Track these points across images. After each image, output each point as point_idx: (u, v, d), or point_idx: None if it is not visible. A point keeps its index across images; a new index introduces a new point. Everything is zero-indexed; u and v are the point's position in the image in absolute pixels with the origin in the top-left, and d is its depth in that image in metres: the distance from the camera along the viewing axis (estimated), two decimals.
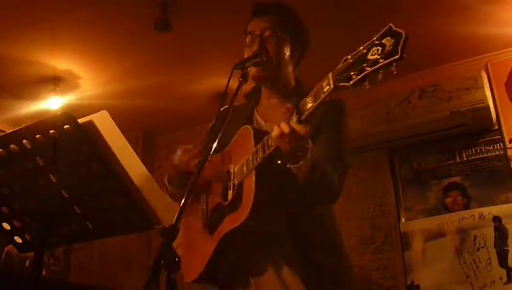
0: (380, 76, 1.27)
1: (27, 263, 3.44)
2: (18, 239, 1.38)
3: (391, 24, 1.27)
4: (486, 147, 3.82)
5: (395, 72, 1.22)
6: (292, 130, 1.42)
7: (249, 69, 1.70)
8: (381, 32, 1.29)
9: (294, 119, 1.44)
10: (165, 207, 1.27)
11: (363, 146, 3.95)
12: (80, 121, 1.19)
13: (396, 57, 1.22)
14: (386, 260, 3.85)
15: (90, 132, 1.19)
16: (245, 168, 1.60)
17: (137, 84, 4.20)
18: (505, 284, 3.44)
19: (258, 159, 1.54)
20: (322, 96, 1.39)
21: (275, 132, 1.45)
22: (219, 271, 1.71)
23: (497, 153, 3.77)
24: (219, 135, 1.50)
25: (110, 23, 3.52)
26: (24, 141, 1.22)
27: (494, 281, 3.48)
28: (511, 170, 3.67)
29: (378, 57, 1.26)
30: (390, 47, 1.25)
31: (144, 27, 3.42)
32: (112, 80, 4.15)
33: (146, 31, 3.44)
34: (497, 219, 3.59)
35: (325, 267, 1.63)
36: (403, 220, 3.94)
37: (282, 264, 1.60)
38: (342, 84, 1.33)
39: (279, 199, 1.58)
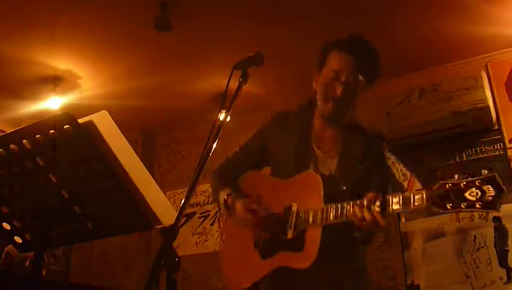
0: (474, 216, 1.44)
1: (27, 263, 3.44)
2: (18, 239, 1.38)
3: (496, 175, 1.38)
4: (486, 147, 3.82)
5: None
6: (374, 219, 1.57)
7: (319, 104, 1.89)
8: (484, 176, 1.40)
9: (377, 209, 1.57)
10: (165, 207, 1.27)
11: None
12: (80, 121, 1.19)
13: (493, 212, 1.38)
14: (386, 260, 3.86)
15: (90, 132, 1.19)
16: (311, 219, 1.75)
17: (137, 84, 4.20)
18: (505, 284, 3.44)
19: (328, 220, 1.69)
20: (411, 207, 1.53)
21: (358, 214, 1.60)
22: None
23: (497, 153, 3.77)
24: (218, 137, 1.50)
25: (110, 23, 3.52)
26: (24, 141, 1.22)
27: (494, 281, 3.48)
28: (511, 170, 3.67)
29: (476, 202, 1.38)
30: (490, 198, 1.37)
31: (144, 27, 3.42)
32: (112, 80, 4.15)
33: (146, 31, 3.44)
34: (497, 219, 3.58)
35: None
36: (403, 220, 3.93)
37: None
38: (435, 208, 1.47)
39: (336, 253, 1.76)
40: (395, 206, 1.56)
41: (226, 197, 1.98)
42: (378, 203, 1.58)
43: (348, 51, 1.91)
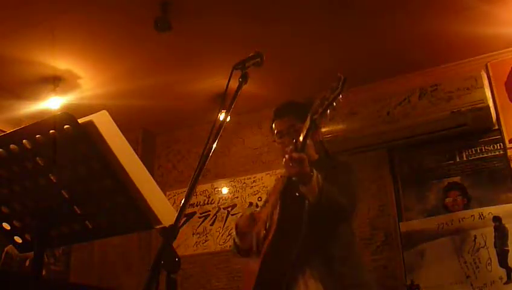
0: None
1: (27, 263, 3.44)
2: (18, 239, 1.38)
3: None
4: (486, 147, 3.82)
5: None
6: (292, 156, 1.91)
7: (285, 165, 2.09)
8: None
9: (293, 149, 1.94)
10: (165, 207, 1.27)
11: (363, 146, 3.95)
12: (80, 121, 1.19)
13: (338, 90, 1.86)
14: (386, 260, 3.86)
15: (90, 132, 1.19)
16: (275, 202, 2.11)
17: (137, 84, 4.20)
18: (504, 284, 3.44)
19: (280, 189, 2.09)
20: (305, 131, 1.96)
21: (284, 160, 1.94)
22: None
23: (497, 153, 3.77)
24: (218, 137, 1.51)
25: (110, 23, 3.52)
26: (24, 141, 1.22)
27: (494, 281, 3.48)
28: (511, 170, 3.67)
29: (331, 95, 1.88)
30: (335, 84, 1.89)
31: (144, 27, 3.42)
32: (112, 80, 4.15)
33: (146, 31, 3.44)
34: (497, 219, 3.59)
35: (346, 277, 2.00)
36: (403, 220, 3.93)
37: (309, 277, 1.99)
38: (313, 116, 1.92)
39: (298, 222, 2.00)
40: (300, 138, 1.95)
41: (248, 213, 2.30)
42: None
43: (281, 117, 2.32)
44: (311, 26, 3.57)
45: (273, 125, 2.36)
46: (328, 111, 1.88)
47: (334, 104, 1.87)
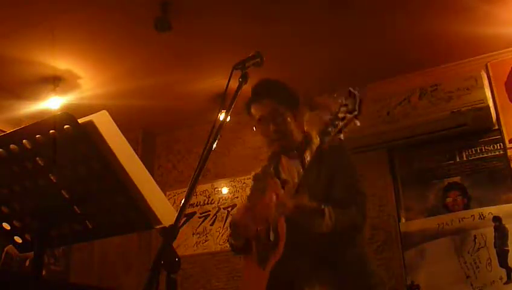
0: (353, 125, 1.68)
1: (27, 263, 3.44)
2: (18, 239, 1.38)
3: (350, 89, 1.67)
4: (486, 147, 3.82)
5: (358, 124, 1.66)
6: (280, 201, 1.89)
7: (268, 141, 2.16)
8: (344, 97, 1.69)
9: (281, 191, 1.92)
10: (165, 207, 1.27)
11: (363, 146, 3.95)
12: (80, 121, 1.19)
13: (356, 113, 1.67)
14: (386, 260, 3.85)
15: (90, 132, 1.19)
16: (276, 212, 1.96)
17: (137, 84, 4.20)
18: (504, 284, 3.44)
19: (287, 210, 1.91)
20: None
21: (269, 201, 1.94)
22: None
23: (497, 153, 3.77)
24: (218, 137, 1.51)
25: (110, 24, 3.52)
26: (24, 141, 1.22)
27: (494, 281, 3.48)
28: (511, 170, 3.67)
29: (345, 114, 1.70)
30: (351, 106, 1.68)
31: (144, 27, 3.42)
32: (112, 80, 4.15)
33: (146, 31, 3.44)
34: (497, 219, 3.59)
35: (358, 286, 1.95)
36: (403, 220, 3.94)
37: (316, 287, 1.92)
38: (325, 138, 1.76)
39: (307, 238, 1.91)
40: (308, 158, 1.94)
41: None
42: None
43: (257, 98, 2.17)
44: (311, 26, 3.57)
45: (252, 109, 2.19)
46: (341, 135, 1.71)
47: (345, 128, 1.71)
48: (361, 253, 2.06)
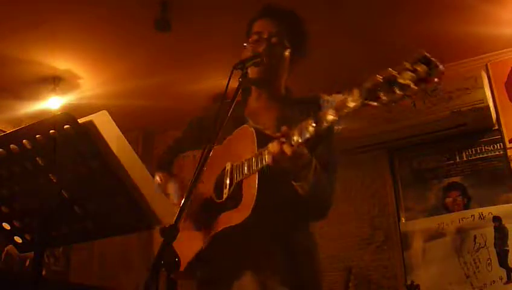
0: (409, 100, 1.27)
1: (27, 263, 3.44)
2: (18, 239, 1.38)
3: (425, 52, 1.29)
4: (486, 147, 3.82)
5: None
6: (284, 151, 1.49)
7: (249, 69, 1.72)
8: (414, 57, 1.31)
9: (296, 139, 1.49)
10: (165, 207, 1.27)
11: (363, 146, 3.95)
12: (80, 121, 1.19)
13: (429, 86, 1.26)
14: (386, 260, 3.85)
15: (90, 132, 1.19)
16: (246, 168, 1.63)
17: (137, 84, 4.20)
18: (505, 284, 3.44)
19: (260, 164, 1.58)
20: (346, 110, 1.41)
21: (275, 149, 1.51)
22: (201, 267, 1.74)
23: (497, 153, 3.77)
24: (218, 136, 1.50)
25: (110, 23, 3.52)
26: (24, 141, 1.22)
27: (494, 281, 3.48)
28: (511, 170, 3.67)
29: (410, 82, 1.28)
30: (424, 74, 1.26)
31: (144, 27, 3.42)
32: (112, 80, 4.15)
33: (146, 31, 3.44)
34: (497, 219, 3.59)
35: (305, 277, 1.69)
36: (403, 220, 3.94)
37: (265, 269, 1.65)
38: (369, 102, 1.37)
39: (277, 204, 1.62)
40: (330, 117, 1.44)
41: (158, 178, 1.90)
42: (311, 122, 1.46)
43: (271, 16, 1.88)
44: (311, 26, 3.56)
45: (254, 25, 1.90)
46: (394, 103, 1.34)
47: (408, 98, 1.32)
48: (313, 237, 1.80)
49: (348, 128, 3.91)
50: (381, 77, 1.34)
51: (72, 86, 4.20)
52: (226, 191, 1.68)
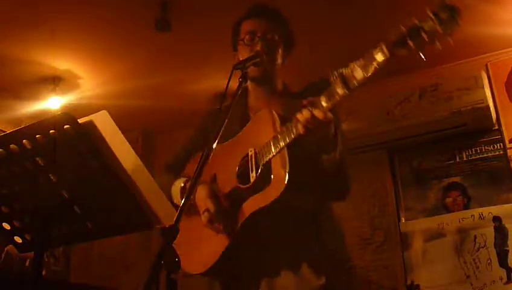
0: (439, 45, 1.36)
1: (27, 263, 3.44)
2: (18, 239, 1.38)
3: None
4: (486, 147, 3.82)
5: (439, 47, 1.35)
6: (314, 116, 1.47)
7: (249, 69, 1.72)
8: (436, 5, 1.38)
9: (324, 104, 1.47)
10: (165, 207, 1.27)
11: (363, 146, 3.95)
12: (80, 121, 1.19)
13: (453, 28, 1.32)
14: (386, 260, 3.85)
15: (90, 132, 1.19)
16: (272, 148, 1.60)
17: (137, 84, 4.20)
18: (505, 284, 3.44)
19: (289, 138, 1.56)
20: (375, 64, 1.46)
21: (305, 116, 1.47)
22: (229, 264, 1.70)
23: (497, 153, 3.77)
24: (219, 136, 1.50)
25: (110, 23, 3.52)
26: (24, 141, 1.22)
27: (494, 281, 3.48)
28: (511, 170, 3.67)
29: (437, 27, 1.36)
30: (448, 17, 1.34)
31: (144, 27, 3.42)
32: (112, 80, 4.15)
33: (146, 31, 3.44)
34: (497, 219, 3.59)
35: (338, 262, 1.70)
36: (403, 220, 3.94)
37: (298, 257, 1.62)
38: (398, 50, 1.43)
39: (305, 183, 1.59)
40: (360, 75, 1.48)
41: (183, 184, 1.84)
42: (339, 84, 1.48)
43: (260, 15, 1.89)
44: (311, 25, 3.56)
45: (243, 25, 1.91)
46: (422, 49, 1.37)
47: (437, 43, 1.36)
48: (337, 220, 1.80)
49: (348, 128, 3.93)
50: (405, 28, 1.41)
51: (72, 86, 4.20)
52: (252, 174, 1.65)
